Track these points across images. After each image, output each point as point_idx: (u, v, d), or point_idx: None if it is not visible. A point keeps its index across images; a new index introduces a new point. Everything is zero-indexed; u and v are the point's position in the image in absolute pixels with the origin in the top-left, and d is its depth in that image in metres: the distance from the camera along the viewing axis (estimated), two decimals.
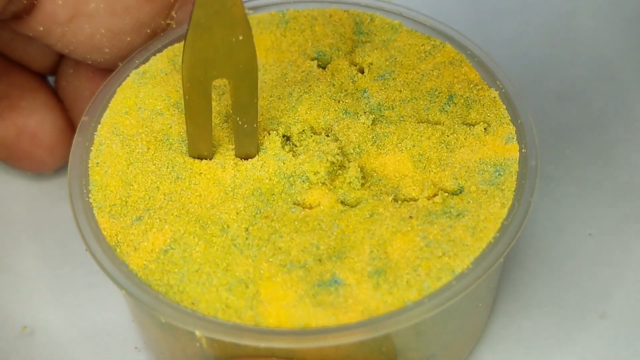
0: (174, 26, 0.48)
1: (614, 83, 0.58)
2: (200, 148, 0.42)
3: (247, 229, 0.40)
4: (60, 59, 0.52)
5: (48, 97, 0.52)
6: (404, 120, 0.43)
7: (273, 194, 0.41)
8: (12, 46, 0.50)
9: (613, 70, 0.59)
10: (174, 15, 0.47)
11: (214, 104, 0.43)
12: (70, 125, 0.52)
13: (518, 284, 0.49)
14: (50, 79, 0.54)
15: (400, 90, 0.45)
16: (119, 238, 0.40)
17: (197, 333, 0.38)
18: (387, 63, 0.46)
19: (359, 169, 0.41)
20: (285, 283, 0.38)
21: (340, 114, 0.44)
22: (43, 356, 0.47)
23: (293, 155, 0.42)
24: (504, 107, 0.44)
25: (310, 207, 0.41)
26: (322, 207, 0.41)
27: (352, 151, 0.42)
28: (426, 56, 0.46)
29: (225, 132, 0.43)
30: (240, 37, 0.39)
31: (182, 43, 0.47)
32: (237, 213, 0.40)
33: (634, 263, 0.50)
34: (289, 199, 0.41)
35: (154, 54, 0.47)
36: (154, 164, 0.42)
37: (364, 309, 0.37)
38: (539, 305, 0.48)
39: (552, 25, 0.62)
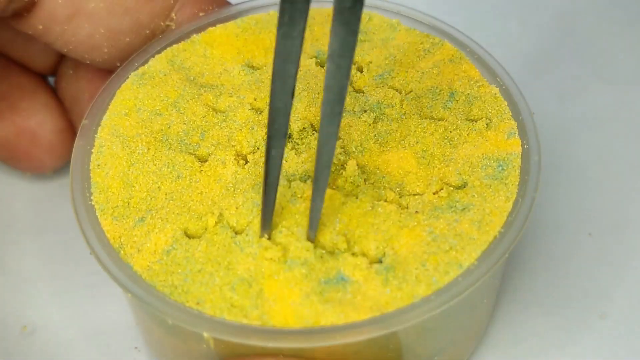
0: (174, 27, 0.47)
1: (614, 83, 0.58)
2: None
3: (246, 225, 0.40)
4: (61, 60, 0.52)
5: (48, 97, 0.52)
6: (406, 118, 0.43)
7: None
8: (13, 46, 0.50)
9: (613, 70, 0.59)
10: (174, 17, 0.47)
11: None
12: (70, 126, 0.52)
13: (518, 284, 0.49)
14: (51, 80, 0.53)
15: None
16: (122, 240, 0.40)
17: (205, 334, 0.37)
18: (387, 62, 0.46)
19: (356, 166, 0.41)
20: (289, 281, 0.38)
21: None
22: (43, 356, 0.47)
23: (295, 154, 0.42)
24: (505, 103, 0.43)
25: None
26: None
27: (354, 149, 0.42)
28: (425, 54, 0.46)
29: (225, 131, 0.43)
30: None
31: (181, 44, 0.47)
32: (237, 208, 0.40)
33: (634, 263, 0.50)
34: (289, 193, 0.40)
35: (153, 56, 0.46)
36: (155, 164, 0.42)
37: (372, 305, 0.37)
38: (539, 305, 0.48)
39: (552, 25, 0.62)
